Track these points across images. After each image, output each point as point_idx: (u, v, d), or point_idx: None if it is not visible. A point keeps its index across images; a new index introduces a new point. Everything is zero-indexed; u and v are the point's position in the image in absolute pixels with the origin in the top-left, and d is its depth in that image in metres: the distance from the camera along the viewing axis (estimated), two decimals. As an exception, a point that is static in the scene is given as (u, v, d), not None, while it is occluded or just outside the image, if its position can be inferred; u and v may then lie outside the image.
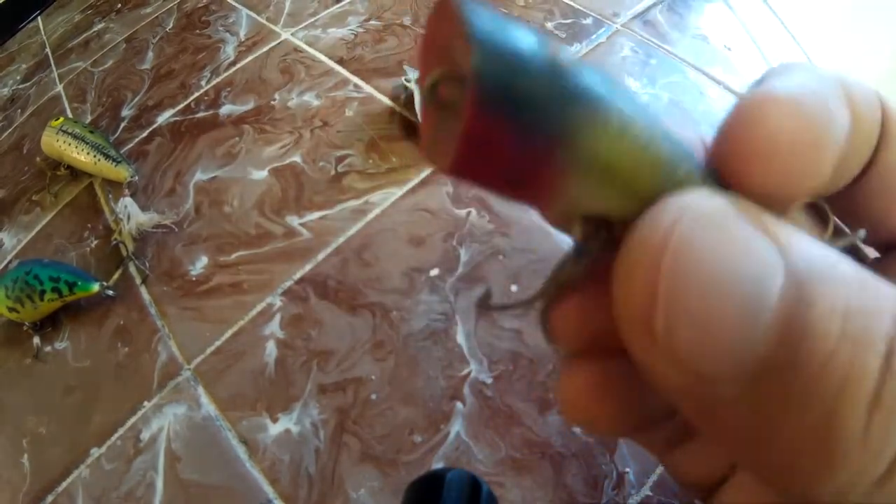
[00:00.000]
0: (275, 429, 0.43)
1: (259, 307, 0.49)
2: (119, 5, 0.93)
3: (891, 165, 0.11)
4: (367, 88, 0.64)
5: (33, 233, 0.62)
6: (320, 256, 0.51)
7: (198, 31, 0.80)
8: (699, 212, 0.09)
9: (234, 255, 0.53)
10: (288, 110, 0.64)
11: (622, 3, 0.68)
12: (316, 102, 0.64)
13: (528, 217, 0.50)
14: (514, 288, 0.47)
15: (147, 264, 0.54)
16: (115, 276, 0.53)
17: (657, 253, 0.09)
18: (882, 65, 0.61)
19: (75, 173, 0.65)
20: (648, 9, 0.67)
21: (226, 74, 0.71)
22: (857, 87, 0.11)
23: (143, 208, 0.57)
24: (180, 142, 0.64)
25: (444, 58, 0.09)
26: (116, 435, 0.45)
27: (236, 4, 0.82)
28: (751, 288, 0.08)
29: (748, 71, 0.61)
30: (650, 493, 0.38)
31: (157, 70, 0.75)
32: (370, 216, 0.53)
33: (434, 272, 0.48)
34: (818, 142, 0.10)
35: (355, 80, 0.65)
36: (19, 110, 0.80)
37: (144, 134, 0.67)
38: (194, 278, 0.52)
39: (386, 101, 0.63)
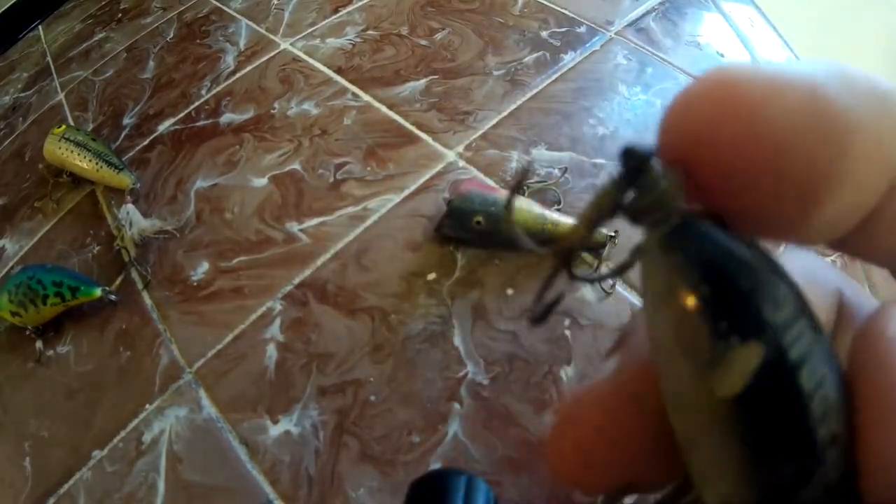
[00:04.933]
0: (275, 430, 0.44)
1: (259, 311, 0.50)
2: (119, 15, 0.94)
3: None
4: (365, 97, 0.65)
5: (35, 239, 0.62)
6: (320, 261, 0.52)
7: (198, 41, 0.81)
8: None
9: (234, 261, 0.54)
10: (287, 119, 0.65)
11: (616, 11, 0.69)
12: (315, 111, 0.65)
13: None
14: (509, 291, 0.48)
15: (149, 270, 0.55)
16: (118, 281, 0.54)
17: None
18: (876, 70, 0.62)
19: (77, 180, 0.65)
20: (642, 17, 0.68)
21: (226, 84, 0.72)
22: None
23: (145, 215, 0.58)
24: (181, 150, 0.65)
25: None
26: (118, 437, 0.46)
27: (236, 15, 0.83)
28: None
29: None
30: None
31: (158, 79, 0.76)
32: (368, 222, 0.54)
33: (431, 276, 0.49)
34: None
35: (353, 89, 0.66)
36: (21, 118, 0.81)
37: (146, 142, 0.68)
38: (196, 283, 0.53)
39: (383, 109, 0.64)
